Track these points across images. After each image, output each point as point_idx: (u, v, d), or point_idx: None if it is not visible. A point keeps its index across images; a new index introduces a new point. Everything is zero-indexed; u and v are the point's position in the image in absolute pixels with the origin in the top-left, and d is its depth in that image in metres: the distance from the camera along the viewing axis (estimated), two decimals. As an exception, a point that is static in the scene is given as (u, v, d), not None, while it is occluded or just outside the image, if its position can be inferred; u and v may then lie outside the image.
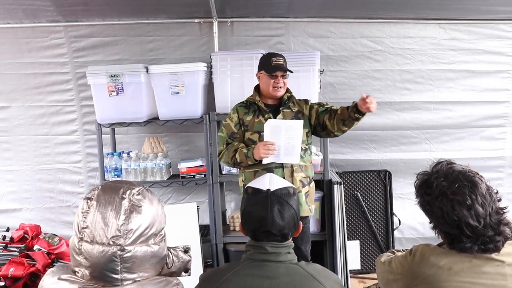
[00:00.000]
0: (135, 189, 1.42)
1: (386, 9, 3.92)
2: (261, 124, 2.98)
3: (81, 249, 1.37)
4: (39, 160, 4.37)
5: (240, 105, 3.13)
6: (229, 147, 3.03)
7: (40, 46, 4.20)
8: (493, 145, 4.27)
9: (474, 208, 1.51)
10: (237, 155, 2.96)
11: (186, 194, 4.35)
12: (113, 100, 3.74)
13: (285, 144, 2.90)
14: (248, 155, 2.93)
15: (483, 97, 4.20)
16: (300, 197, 3.00)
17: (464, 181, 1.55)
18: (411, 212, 4.19)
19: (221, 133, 3.11)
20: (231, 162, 3.02)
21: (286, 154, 2.93)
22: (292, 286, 1.54)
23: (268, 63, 3.00)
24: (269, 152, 2.87)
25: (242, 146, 3.00)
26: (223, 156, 3.06)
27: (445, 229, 1.58)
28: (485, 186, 1.56)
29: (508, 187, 4.27)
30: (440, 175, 1.60)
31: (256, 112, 3.06)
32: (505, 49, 4.13)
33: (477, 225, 1.51)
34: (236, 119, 3.08)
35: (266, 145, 2.87)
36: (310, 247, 3.22)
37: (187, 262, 1.61)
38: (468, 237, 1.53)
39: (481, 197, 1.53)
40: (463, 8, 3.89)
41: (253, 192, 1.67)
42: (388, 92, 4.19)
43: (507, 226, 1.55)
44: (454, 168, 1.61)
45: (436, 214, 1.58)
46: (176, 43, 4.19)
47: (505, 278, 1.53)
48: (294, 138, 2.92)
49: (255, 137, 3.01)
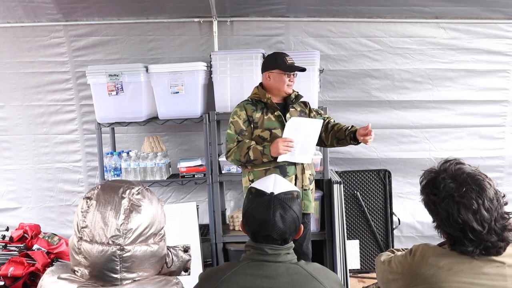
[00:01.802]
0: (135, 188, 1.42)
1: (384, 5, 3.94)
2: (271, 121, 2.99)
3: (80, 249, 1.37)
4: (39, 159, 4.38)
5: (247, 102, 3.10)
6: (240, 144, 2.98)
7: (39, 45, 4.20)
8: (493, 144, 4.28)
9: (480, 212, 1.50)
10: (250, 152, 2.92)
11: (185, 193, 4.35)
12: (112, 99, 3.73)
13: (302, 142, 2.91)
14: (264, 152, 2.90)
15: (482, 97, 4.21)
16: (308, 194, 3.06)
17: (473, 185, 1.53)
18: (411, 211, 4.21)
19: (230, 131, 3.06)
20: (243, 159, 2.96)
21: (301, 153, 2.94)
22: (292, 285, 1.54)
23: (283, 62, 3.01)
24: (288, 149, 2.87)
25: (254, 144, 2.97)
26: (232, 154, 3.01)
27: (449, 230, 1.57)
28: (493, 191, 1.53)
29: (507, 186, 4.27)
30: (448, 175, 1.57)
31: (264, 110, 3.04)
32: (504, 48, 4.14)
33: (481, 230, 1.50)
34: (244, 116, 3.04)
35: (285, 142, 2.86)
36: (311, 244, 3.23)
37: (186, 261, 1.60)
38: (471, 241, 1.52)
39: (488, 202, 1.51)
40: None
41: (257, 193, 1.65)
42: (387, 91, 4.20)
43: (511, 232, 1.54)
44: (463, 169, 1.58)
45: (441, 215, 1.57)
46: (176, 42, 4.19)
47: (505, 279, 1.52)
48: (311, 137, 2.96)
49: (266, 135, 2.99)
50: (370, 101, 4.23)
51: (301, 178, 3.01)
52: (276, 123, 2.99)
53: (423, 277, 1.56)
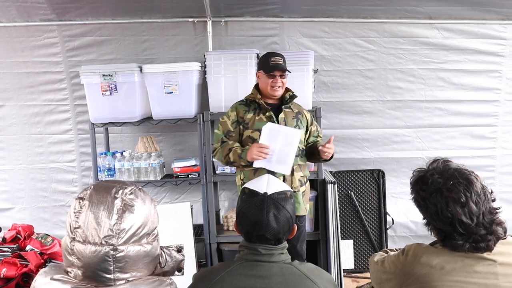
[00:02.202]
0: (128, 188, 1.42)
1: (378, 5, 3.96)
2: (262, 122, 2.96)
3: (73, 249, 1.36)
4: (33, 159, 4.36)
5: (240, 103, 3.10)
6: (224, 145, 3.00)
7: (33, 45, 4.19)
8: (484, 144, 4.30)
9: (468, 205, 1.52)
10: (230, 154, 2.94)
11: (180, 193, 4.34)
12: (106, 99, 3.73)
13: (279, 150, 2.85)
14: (241, 156, 2.89)
15: (474, 96, 4.24)
16: (298, 196, 3.01)
17: (460, 179, 1.56)
18: (404, 211, 4.23)
19: (217, 130, 3.08)
20: (224, 160, 3.00)
21: (279, 162, 2.86)
22: (286, 285, 1.54)
23: (267, 63, 2.98)
24: (262, 155, 2.81)
25: (237, 146, 2.97)
26: (217, 154, 3.04)
27: (438, 225, 1.59)
28: (480, 185, 1.57)
29: (499, 186, 4.30)
30: (436, 172, 1.61)
31: (257, 110, 3.03)
32: (496, 48, 4.16)
33: (469, 223, 1.52)
34: (234, 117, 3.05)
35: (260, 148, 2.82)
36: (305, 246, 3.22)
37: (180, 261, 1.60)
38: (460, 235, 1.54)
39: (475, 195, 1.54)
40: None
41: (250, 194, 1.65)
42: (381, 90, 4.23)
43: (499, 226, 1.56)
44: (450, 165, 1.62)
45: (430, 211, 1.59)
46: (170, 42, 4.18)
47: (497, 277, 1.54)
48: (290, 146, 2.86)
49: (256, 135, 2.96)
50: (364, 101, 4.24)
51: (290, 179, 2.96)
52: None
53: (415, 276, 1.57)
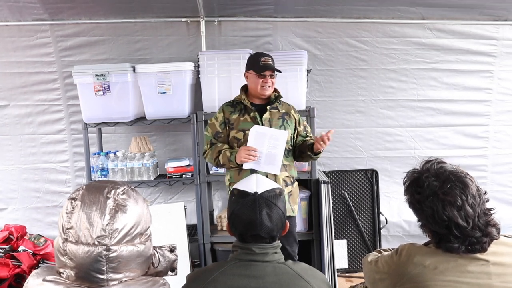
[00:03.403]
0: (120, 188, 1.42)
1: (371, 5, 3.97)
2: (247, 122, 3.00)
3: (66, 250, 1.36)
4: (25, 160, 4.33)
5: (227, 104, 3.15)
6: (213, 147, 3.04)
7: (26, 45, 4.15)
8: (476, 143, 4.33)
9: (464, 208, 1.52)
10: (220, 157, 2.99)
11: (173, 193, 4.34)
12: (99, 99, 3.71)
13: (267, 152, 2.92)
14: (230, 159, 2.95)
15: (466, 96, 4.27)
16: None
17: (456, 182, 1.55)
18: (397, 210, 4.24)
19: (206, 132, 3.13)
20: (214, 163, 3.06)
21: (267, 163, 2.94)
22: (279, 285, 1.54)
23: (257, 63, 3.02)
24: (250, 158, 2.89)
25: (226, 148, 3.01)
26: (207, 156, 3.09)
27: (434, 228, 1.58)
28: (475, 187, 1.56)
29: (491, 185, 4.34)
30: (431, 174, 1.60)
31: (242, 111, 3.07)
32: (488, 49, 4.19)
33: (466, 226, 1.52)
34: (221, 118, 3.09)
35: (248, 150, 2.88)
36: (297, 247, 3.19)
37: (173, 261, 1.61)
38: (456, 238, 1.54)
39: (471, 198, 1.53)
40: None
41: (240, 194, 1.65)
42: (373, 90, 4.25)
43: (494, 227, 1.56)
44: (445, 167, 1.61)
45: (426, 213, 1.58)
46: (164, 42, 4.17)
47: (490, 277, 1.54)
48: (277, 148, 2.94)
49: (240, 136, 3.01)
50: (357, 100, 4.26)
51: (273, 179, 2.93)
52: (250, 124, 2.99)
53: (409, 276, 1.57)
